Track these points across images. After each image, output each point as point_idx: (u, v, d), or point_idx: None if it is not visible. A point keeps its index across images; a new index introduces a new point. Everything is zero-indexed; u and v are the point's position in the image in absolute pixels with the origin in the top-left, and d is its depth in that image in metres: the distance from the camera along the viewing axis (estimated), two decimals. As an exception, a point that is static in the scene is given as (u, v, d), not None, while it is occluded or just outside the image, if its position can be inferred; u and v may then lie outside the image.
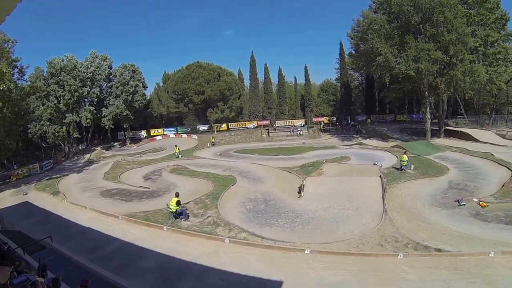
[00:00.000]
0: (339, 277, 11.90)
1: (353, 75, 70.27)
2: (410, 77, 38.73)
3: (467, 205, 17.79)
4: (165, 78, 67.54)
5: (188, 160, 38.09)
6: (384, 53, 38.08)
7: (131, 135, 59.13)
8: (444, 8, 35.22)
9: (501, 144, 35.31)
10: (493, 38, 38.57)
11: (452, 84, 38.43)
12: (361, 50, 42.82)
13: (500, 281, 10.82)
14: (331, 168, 27.62)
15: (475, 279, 11.01)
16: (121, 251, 15.03)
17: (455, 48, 36.01)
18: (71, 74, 45.62)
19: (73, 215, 20.65)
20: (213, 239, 15.62)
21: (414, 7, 36.48)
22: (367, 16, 40.67)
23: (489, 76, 38.43)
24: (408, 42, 37.90)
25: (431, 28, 36.77)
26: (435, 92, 40.89)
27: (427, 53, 36.44)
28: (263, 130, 58.28)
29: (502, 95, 53.94)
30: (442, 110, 45.64)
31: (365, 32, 39.91)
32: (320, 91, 75.95)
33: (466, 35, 35.72)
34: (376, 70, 42.29)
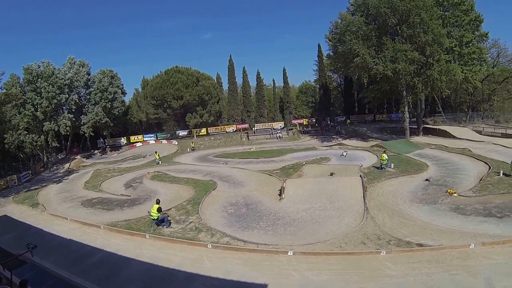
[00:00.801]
0: (323, 277, 11.94)
1: (332, 76, 70.93)
2: (388, 77, 39.41)
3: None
4: (144, 83, 66.87)
5: (169, 166, 37.76)
6: (362, 54, 38.74)
7: (111, 142, 58.18)
8: (420, 10, 36.17)
9: (478, 140, 36.51)
10: (467, 38, 39.78)
11: (429, 83, 39.36)
12: (339, 52, 43.44)
13: (481, 271, 11.14)
14: (311, 170, 27.83)
15: (457, 271, 11.30)
16: (104, 262, 14.70)
17: (432, 48, 37.09)
18: (49, 80, 44.47)
19: (54, 227, 20.05)
20: (196, 245, 15.48)
21: (391, 9, 37.27)
22: (344, 18, 41.26)
23: (465, 75, 39.55)
24: (385, 43, 38.68)
25: (407, 29, 37.63)
26: (413, 91, 41.75)
27: (404, 54, 37.26)
28: (243, 133, 58.26)
29: (478, 93, 55.81)
30: (420, 109, 46.68)
31: (343, 34, 40.47)
32: (299, 93, 76.53)
33: (442, 36, 36.86)
34: (355, 71, 42.88)
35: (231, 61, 65.74)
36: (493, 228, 14.47)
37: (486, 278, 10.73)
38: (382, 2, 37.36)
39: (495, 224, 14.98)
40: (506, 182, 20.84)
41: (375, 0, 37.88)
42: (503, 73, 54.23)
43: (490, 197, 18.50)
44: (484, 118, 51.48)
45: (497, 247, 12.66)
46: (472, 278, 10.82)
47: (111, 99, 51.50)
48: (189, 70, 60.32)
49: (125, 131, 61.23)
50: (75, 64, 49.75)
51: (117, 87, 53.58)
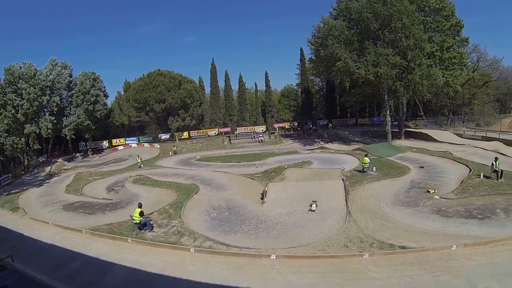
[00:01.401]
0: (307, 280, 11.88)
1: (314, 80, 71.57)
2: (370, 81, 39.98)
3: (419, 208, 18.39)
4: (126, 86, 66.34)
5: (151, 169, 37.44)
6: (344, 59, 39.17)
7: (93, 145, 57.25)
8: (402, 15, 36.88)
9: (459, 143, 37.34)
10: (448, 43, 40.77)
11: (411, 87, 40.16)
12: (322, 56, 43.87)
13: (463, 272, 11.25)
14: (294, 173, 27.94)
15: (440, 272, 11.38)
16: (86, 267, 14.38)
17: (413, 53, 37.79)
18: (30, 82, 43.37)
19: (35, 232, 19.49)
20: (179, 249, 15.29)
21: (374, 14, 37.90)
22: (327, 23, 41.67)
23: (446, 79, 40.48)
24: (367, 47, 39.22)
25: (389, 34, 38.36)
26: (395, 95, 42.47)
27: (386, 58, 37.86)
28: (225, 137, 58.25)
29: (459, 97, 57.29)
30: (402, 112, 47.42)
31: (325, 38, 40.85)
32: (281, 97, 76.68)
33: (423, 41, 37.62)
34: (337, 75, 43.15)
35: (213, 65, 65.94)
36: (474, 230, 14.72)
37: (468, 279, 10.85)
38: (365, 7, 37.93)
39: (476, 225, 15.26)
40: (487, 184, 21.29)
41: (358, 5, 38.46)
42: (483, 77, 56.08)
43: (471, 199, 18.85)
44: (465, 122, 52.88)
45: (478, 248, 12.83)
46: (454, 279, 10.91)
47: (93, 102, 50.58)
48: (171, 73, 60.25)
49: (107, 134, 60.44)
50: (57, 65, 48.76)
51: (99, 89, 52.69)
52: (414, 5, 38.66)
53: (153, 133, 63.29)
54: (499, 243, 13.08)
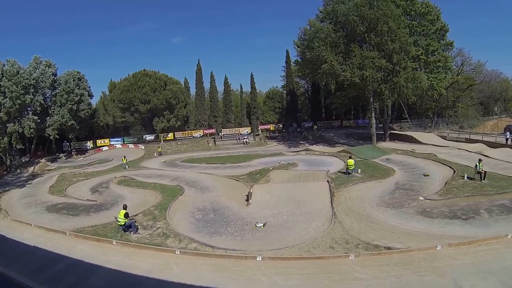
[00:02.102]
0: (292, 281, 11.87)
1: (299, 82, 72.04)
2: (355, 84, 40.40)
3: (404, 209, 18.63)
4: (111, 86, 65.44)
5: (136, 170, 37.24)
6: (330, 61, 39.49)
7: (77, 146, 56.61)
8: (388, 19, 37.49)
9: (443, 145, 37.97)
10: (433, 47, 41.77)
11: (396, 90, 40.64)
12: (307, 58, 44.31)
13: (448, 272, 11.38)
14: (279, 175, 28.00)
15: (425, 272, 11.50)
16: (70, 270, 14.10)
17: (398, 56, 38.39)
18: (13, 80, 42.48)
19: (17, 234, 19.04)
20: (164, 251, 15.20)
21: (360, 17, 38.36)
22: (313, 25, 42.05)
23: (430, 82, 41.34)
24: (353, 50, 39.65)
25: (375, 37, 38.86)
26: (380, 98, 43.00)
27: (372, 61, 38.35)
28: (210, 138, 58.27)
29: (443, 100, 58.45)
30: (387, 115, 48.02)
31: (312, 40, 41.21)
32: (266, 99, 77.35)
33: (408, 44, 38.38)
34: (322, 78, 43.43)
35: (199, 66, 65.84)
36: (458, 230, 14.95)
37: (453, 278, 10.98)
38: (351, 10, 38.37)
39: (460, 225, 15.49)
40: (470, 185, 21.69)
41: (344, 8, 38.87)
42: (467, 81, 57.48)
43: (455, 200, 19.13)
44: (449, 124, 53.99)
45: (463, 248, 13.03)
46: (440, 279, 11.03)
47: (78, 101, 49.89)
48: (157, 74, 60.06)
49: (91, 134, 59.85)
50: (41, 64, 47.90)
51: (84, 89, 52.12)
52: (400, 9, 39.47)
53: (138, 134, 62.92)
54: (483, 242, 13.31)
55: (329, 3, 42.18)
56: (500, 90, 67.15)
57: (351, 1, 38.77)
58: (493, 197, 19.09)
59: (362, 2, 37.98)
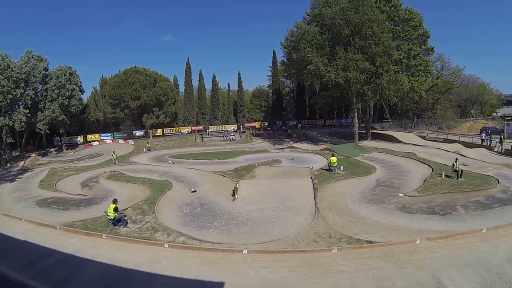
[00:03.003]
0: (278, 274, 11.95)
1: (285, 82, 72.25)
2: (339, 84, 40.79)
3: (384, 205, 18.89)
4: (102, 82, 64.99)
5: (125, 166, 36.83)
6: (315, 62, 39.74)
7: (68, 140, 55.85)
8: (373, 24, 37.96)
9: (422, 145, 38.60)
10: (415, 52, 42.52)
11: (378, 91, 41.22)
12: (293, 59, 44.45)
13: (427, 264, 11.66)
14: (264, 171, 28.19)
15: (405, 265, 11.75)
16: (61, 264, 13.85)
17: (381, 59, 38.93)
18: (4, 74, 41.50)
19: (7, 228, 18.62)
20: (153, 245, 15.13)
21: (345, 21, 38.64)
22: (300, 27, 42.17)
23: (412, 85, 42.00)
24: (338, 52, 39.99)
25: (360, 40, 39.28)
26: (363, 98, 43.51)
27: (356, 63, 38.74)
28: (197, 135, 58.11)
29: (423, 102, 59.50)
30: (369, 115, 48.62)
31: (298, 42, 41.39)
32: (252, 97, 77.40)
33: (391, 48, 39.01)
34: (307, 78, 43.58)
35: (188, 64, 65.56)
36: (436, 225, 15.32)
37: (431, 270, 11.23)
38: (337, 14, 38.57)
39: (438, 221, 15.87)
40: (448, 183, 22.27)
41: (331, 12, 39.02)
42: (446, 84, 58.75)
43: (433, 196, 19.58)
44: (428, 125, 54.83)
45: (440, 242, 13.36)
46: (419, 271, 11.26)
47: (69, 96, 48.91)
48: (147, 71, 59.76)
49: (82, 129, 58.79)
50: (32, 58, 46.78)
51: (75, 84, 51.11)
52: (385, 14, 40.08)
53: (127, 129, 62.50)
54: (459, 236, 13.69)
55: (316, 7, 42.38)
56: (476, 94, 68.67)
57: (338, 5, 38.94)
58: (469, 194, 19.61)
59: (348, 6, 38.26)
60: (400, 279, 10.86)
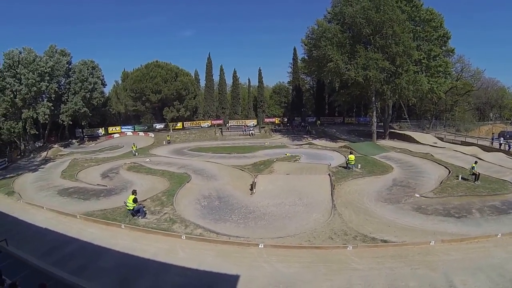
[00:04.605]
0: (293, 269, 12.05)
1: (305, 79, 71.60)
2: (358, 83, 40.17)
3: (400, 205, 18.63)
4: (124, 76, 65.20)
5: (145, 158, 36.91)
6: (336, 60, 39.25)
7: (89, 132, 56.23)
8: (393, 23, 37.14)
9: (440, 146, 37.70)
10: (435, 52, 41.31)
11: (397, 91, 40.49)
12: (314, 56, 43.94)
13: (440, 266, 11.58)
14: (282, 167, 28.06)
15: (418, 266, 11.69)
16: (80, 252, 14.24)
17: (401, 59, 38.13)
18: (29, 67, 42.24)
19: (30, 216, 19.19)
20: (170, 236, 15.31)
21: (366, 20, 37.95)
22: (321, 25, 41.68)
23: (431, 85, 40.96)
24: (358, 51, 39.34)
25: (380, 39, 38.53)
26: (382, 98, 42.84)
27: (376, 62, 38.09)
28: (217, 129, 58.05)
29: (441, 103, 58.02)
30: (387, 114, 47.77)
31: (319, 39, 40.89)
32: (272, 93, 76.86)
33: (411, 48, 38.11)
34: (327, 75, 43.16)
35: (209, 59, 65.28)
36: (451, 227, 15.09)
37: (444, 272, 11.16)
38: (358, 12, 37.95)
39: (453, 223, 15.63)
40: (464, 185, 21.73)
41: (352, 10, 38.43)
42: (465, 86, 57.07)
43: (449, 198, 19.25)
44: (446, 127, 53.57)
45: (455, 244, 13.20)
46: (432, 273, 11.21)
47: (91, 90, 49.43)
48: (168, 65, 59.55)
49: (103, 121, 59.25)
50: (56, 52, 47.56)
51: (98, 77, 51.55)
52: (406, 14, 39.07)
53: (148, 122, 62.50)
54: (474, 240, 13.51)
55: (337, 5, 41.82)
56: (496, 97, 66.56)
57: (359, 4, 38.34)
58: (485, 198, 19.20)
59: (369, 5, 37.60)
60: (413, 280, 10.84)
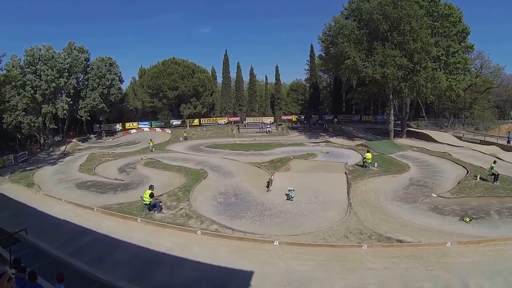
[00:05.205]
0: (307, 267, 12.06)
1: (322, 76, 71.11)
2: (376, 80, 39.62)
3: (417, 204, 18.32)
4: (141, 72, 66.14)
5: (162, 153, 37.28)
6: (353, 57, 38.82)
7: (107, 127, 57.17)
8: (411, 19, 36.44)
9: (458, 145, 36.70)
10: (454, 49, 40.34)
11: (415, 89, 39.72)
12: (331, 53, 43.69)
13: (456, 268, 11.38)
14: (299, 164, 28.06)
15: (433, 267, 11.53)
16: (96, 243, 14.57)
17: (419, 56, 37.34)
18: (48, 64, 43.43)
19: (48, 208, 19.72)
20: (186, 231, 15.47)
21: (383, 16, 37.35)
22: (338, 22, 41.23)
23: (449, 83, 40.13)
24: (376, 48, 38.78)
25: (398, 36, 37.80)
26: (399, 95, 42.18)
27: (393, 59, 37.43)
28: (234, 126, 58.15)
29: (460, 101, 56.30)
30: (405, 112, 46.93)
31: (336, 36, 40.57)
32: (289, 91, 76.44)
33: (430, 44, 37.26)
34: (344, 73, 42.82)
35: (226, 56, 65.41)
36: (468, 229, 14.76)
37: (460, 275, 10.98)
38: (375, 8, 37.40)
39: (470, 225, 15.28)
40: (482, 186, 21.13)
41: (369, 6, 37.92)
42: (485, 83, 55.21)
43: (467, 199, 18.80)
44: (465, 125, 52.18)
45: (471, 246, 12.94)
46: (447, 274, 11.05)
47: (109, 86, 50.37)
48: (185, 62, 59.81)
49: (121, 117, 60.23)
50: (74, 49, 48.49)
51: (115, 74, 52.45)
52: (423, 9, 38.28)
53: (165, 118, 63.18)
54: (491, 242, 13.19)
55: (354, 1, 41.33)
56: (517, 94, 64.47)
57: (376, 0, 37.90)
58: (504, 199, 18.69)
59: (386, 1, 36.94)
60: (428, 281, 10.71)
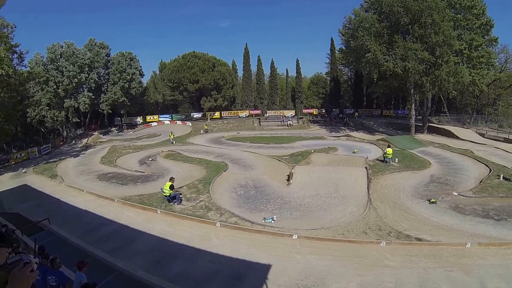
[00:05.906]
0: (324, 262, 12.04)
1: (343, 70, 70.07)
2: (397, 74, 38.83)
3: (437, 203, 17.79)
4: (161, 66, 66.76)
5: (182, 146, 37.58)
6: (373, 51, 38.06)
7: (128, 121, 58.10)
8: (432, 11, 35.29)
9: (481, 143, 35.49)
10: (477, 42, 38.85)
11: (437, 83, 38.65)
12: (351, 47, 42.88)
13: (475, 270, 11.09)
14: (319, 158, 27.82)
15: (452, 268, 11.29)
16: (116, 234, 14.92)
17: (441, 49, 36.15)
18: (70, 60, 44.66)
19: (70, 198, 20.35)
20: (205, 223, 15.60)
21: (404, 9, 36.37)
22: (358, 15, 40.49)
23: (472, 78, 38.85)
24: (396, 41, 37.90)
25: (419, 29, 36.75)
26: (421, 90, 41.05)
27: (415, 53, 36.50)
28: (255, 119, 58.06)
29: (483, 97, 54.32)
30: (426, 107, 45.92)
31: (356, 29, 39.86)
32: (310, 84, 75.77)
33: (452, 38, 35.99)
34: (365, 66, 42.08)
35: (246, 50, 64.94)
36: (490, 230, 14.27)
37: (479, 277, 10.70)
38: (396, 1, 36.49)
39: (492, 226, 14.77)
40: (506, 186, 20.23)
41: (389, -1, 37.04)
42: (510, 78, 52.85)
43: (489, 199, 18.15)
44: (488, 122, 50.30)
45: (492, 249, 12.56)
46: (466, 277, 10.80)
47: (129, 80, 51.40)
48: (205, 55, 60.03)
49: (141, 110, 61.22)
50: (95, 45, 49.66)
51: (136, 68, 53.37)
52: (445, 1, 37.02)
53: (185, 111, 63.75)
54: (513, 245, 12.78)
55: (374, -6, 40.43)
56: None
57: (396, -9, 36.83)
58: (528, 200, 17.98)
59: (407, -7, 35.99)
60: (446, 283, 10.52)
